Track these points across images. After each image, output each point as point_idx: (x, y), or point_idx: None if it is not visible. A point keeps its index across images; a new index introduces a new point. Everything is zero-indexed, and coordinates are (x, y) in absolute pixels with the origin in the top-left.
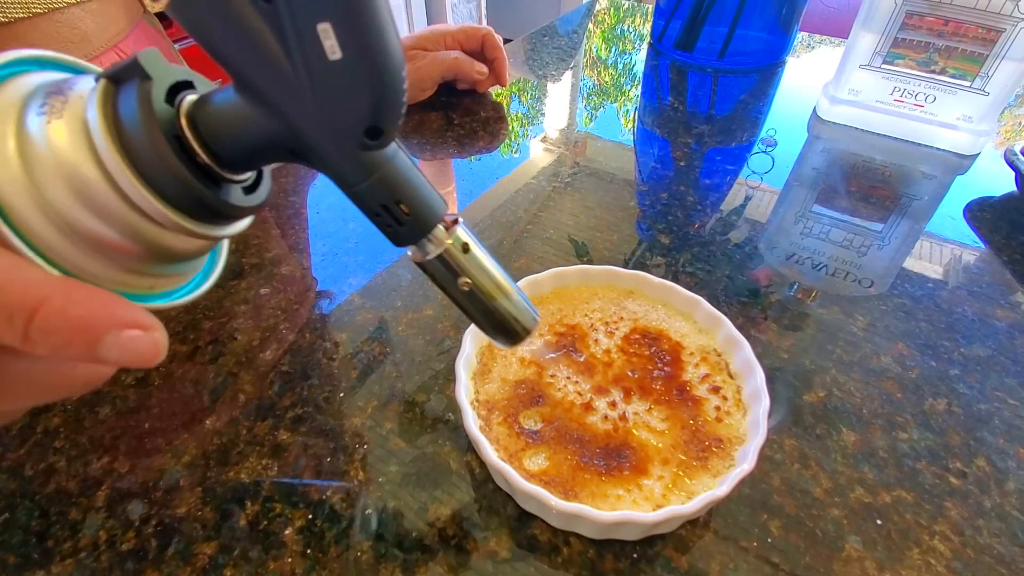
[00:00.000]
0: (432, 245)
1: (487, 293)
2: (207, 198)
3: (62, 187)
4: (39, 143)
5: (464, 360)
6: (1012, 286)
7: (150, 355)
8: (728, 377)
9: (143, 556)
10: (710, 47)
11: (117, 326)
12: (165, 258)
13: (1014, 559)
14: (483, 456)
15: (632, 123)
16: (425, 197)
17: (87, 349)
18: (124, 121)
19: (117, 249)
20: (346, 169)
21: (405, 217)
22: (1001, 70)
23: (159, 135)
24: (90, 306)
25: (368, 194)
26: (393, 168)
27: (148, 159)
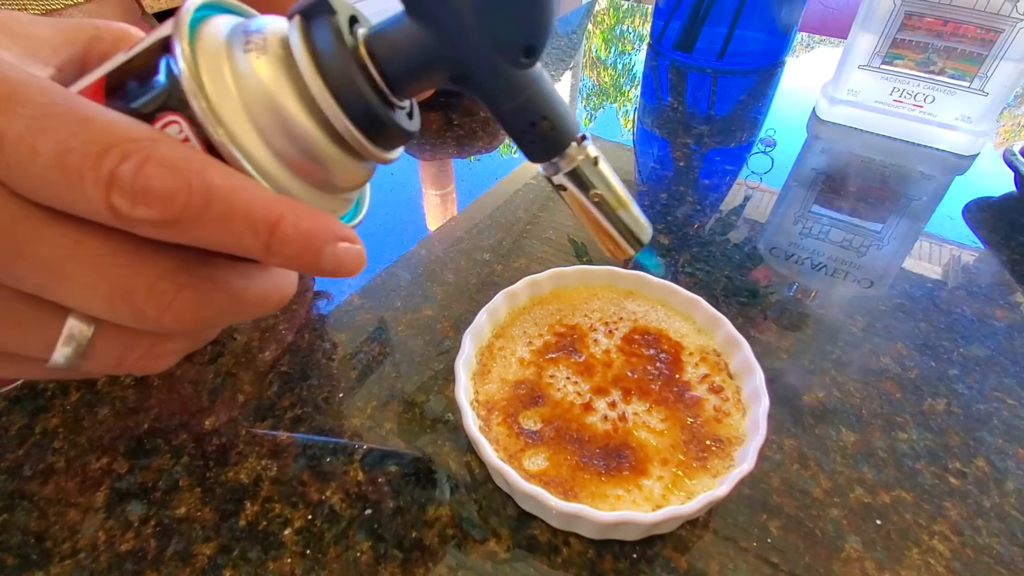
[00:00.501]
0: (566, 160)
1: (613, 204)
2: (387, 120)
3: (272, 115)
4: (250, 76)
5: (463, 360)
6: (1011, 286)
7: (357, 264)
8: (727, 377)
9: (142, 557)
10: (709, 47)
11: (335, 239)
12: (345, 183)
13: (1013, 559)
14: (483, 456)
15: (632, 123)
16: (566, 114)
17: (311, 259)
18: (321, 52)
19: (310, 173)
20: (503, 87)
21: (549, 133)
22: (1000, 70)
23: (352, 63)
24: (315, 221)
25: (520, 111)
26: (541, 86)
27: (343, 86)
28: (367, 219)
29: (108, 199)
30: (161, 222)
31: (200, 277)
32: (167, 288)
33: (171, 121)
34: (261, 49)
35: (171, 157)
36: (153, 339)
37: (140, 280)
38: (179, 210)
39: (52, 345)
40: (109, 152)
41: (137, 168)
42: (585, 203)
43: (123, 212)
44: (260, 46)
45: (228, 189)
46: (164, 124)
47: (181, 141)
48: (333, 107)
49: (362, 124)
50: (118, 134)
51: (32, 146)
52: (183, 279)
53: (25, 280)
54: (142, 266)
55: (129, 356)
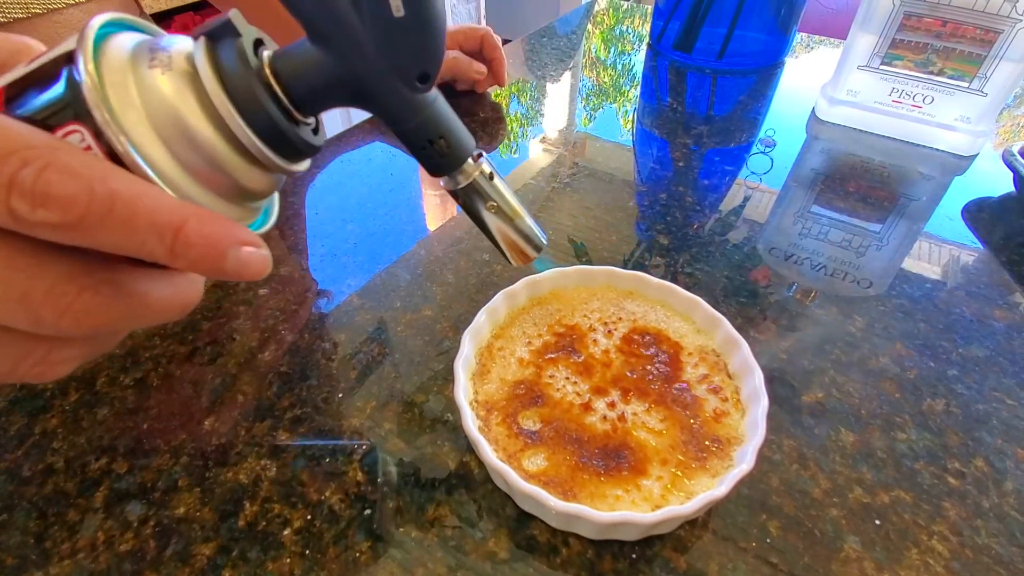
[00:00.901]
0: (463, 175)
1: (508, 213)
2: (291, 134)
3: (176, 127)
4: (155, 91)
5: (463, 361)
6: (1010, 286)
7: (261, 268)
8: (727, 377)
9: (142, 557)
10: (709, 48)
11: (239, 242)
12: (250, 193)
13: (1012, 559)
14: (482, 457)
15: (631, 124)
16: (461, 133)
17: (215, 262)
18: (226, 70)
19: (216, 182)
20: (399, 109)
21: (446, 150)
22: (999, 71)
23: (255, 80)
24: (218, 225)
25: (417, 131)
26: (436, 109)
27: (246, 102)
28: (367, 219)
29: (8, 202)
30: (61, 225)
31: (101, 281)
32: (67, 290)
33: (72, 131)
34: (166, 65)
35: (71, 163)
36: (48, 345)
37: (38, 283)
38: (80, 214)
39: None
40: (8, 158)
41: (37, 173)
42: (482, 213)
43: (23, 215)
44: (165, 63)
45: (131, 194)
46: (66, 133)
47: (83, 150)
48: (236, 119)
49: (265, 137)
50: (17, 141)
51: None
52: (83, 282)
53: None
54: (41, 269)
55: (23, 363)
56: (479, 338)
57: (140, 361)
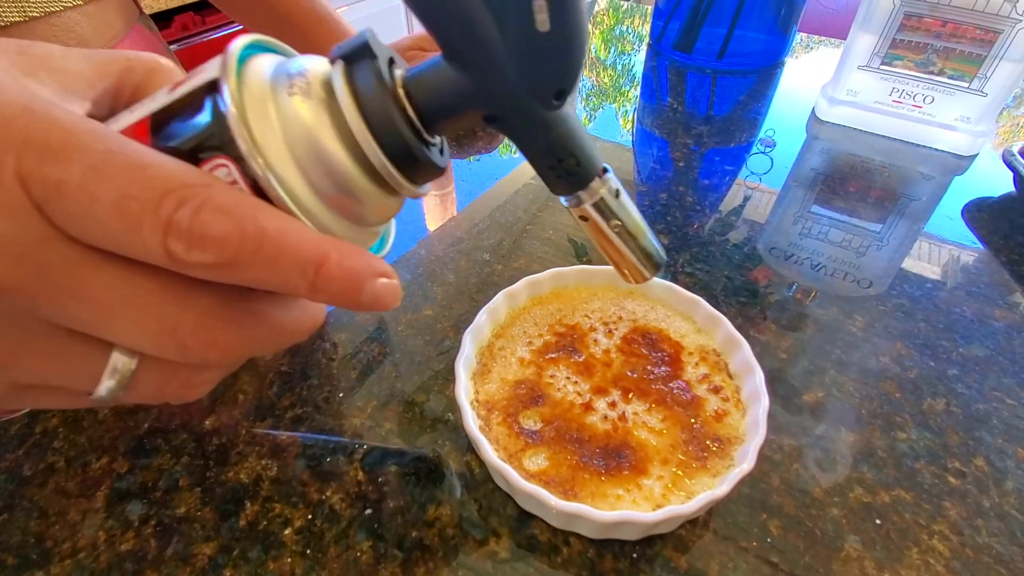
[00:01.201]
0: (589, 193)
1: (632, 232)
2: (422, 157)
3: (314, 155)
4: (295, 119)
5: (464, 360)
6: (1010, 286)
7: (393, 299)
8: (727, 377)
9: (142, 557)
10: (709, 48)
11: (375, 275)
12: (377, 218)
13: (1013, 558)
14: (483, 456)
15: (631, 124)
16: (591, 151)
17: (353, 296)
18: (362, 94)
19: (347, 208)
20: (534, 128)
21: (575, 168)
22: (999, 71)
23: (392, 105)
24: (357, 260)
25: (548, 150)
26: (569, 126)
27: (382, 125)
28: None
29: (165, 244)
30: (215, 265)
31: (241, 312)
32: (212, 324)
33: (220, 164)
34: (305, 93)
35: (225, 203)
36: (191, 369)
37: (187, 317)
38: (233, 254)
39: (97, 378)
40: (166, 198)
41: (193, 214)
42: (608, 232)
43: (179, 256)
44: (304, 89)
45: (278, 232)
46: (213, 167)
47: (230, 184)
48: (373, 146)
49: (398, 161)
50: (174, 180)
51: (91, 194)
52: (226, 315)
53: (77, 319)
54: (188, 304)
55: (168, 387)
56: (480, 338)
57: None
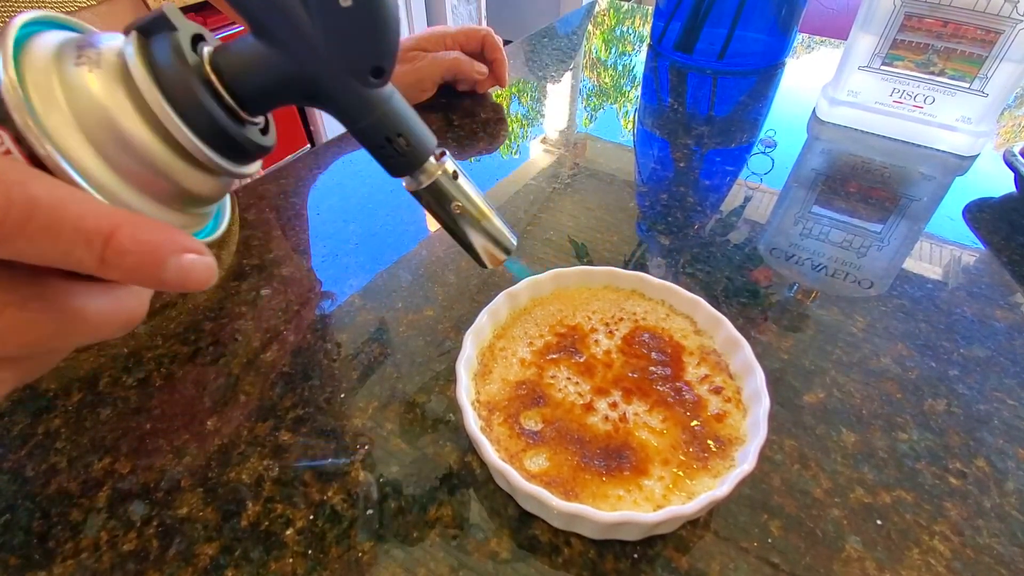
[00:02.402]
0: (425, 174)
1: (474, 214)
2: (235, 134)
3: (107, 129)
4: (83, 91)
5: (465, 361)
6: (1011, 287)
7: (206, 277)
8: (728, 378)
9: (144, 557)
10: (709, 48)
11: (179, 250)
12: (195, 198)
13: (1013, 559)
14: (484, 457)
15: (632, 124)
16: (421, 131)
17: (153, 272)
18: (160, 66)
19: (155, 187)
20: (354, 106)
21: (405, 149)
22: (1000, 71)
23: (193, 76)
24: (156, 232)
25: (373, 129)
26: (393, 106)
27: (184, 98)
28: (368, 219)
29: None
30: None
31: (28, 296)
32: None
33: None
34: (94, 63)
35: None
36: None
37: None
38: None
39: None
40: None
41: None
42: (447, 215)
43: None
44: (93, 60)
45: (53, 199)
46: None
47: (2, 154)
48: (172, 118)
49: (206, 137)
50: None
51: None
52: (5, 298)
53: None
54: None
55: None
56: (481, 338)
57: (143, 361)
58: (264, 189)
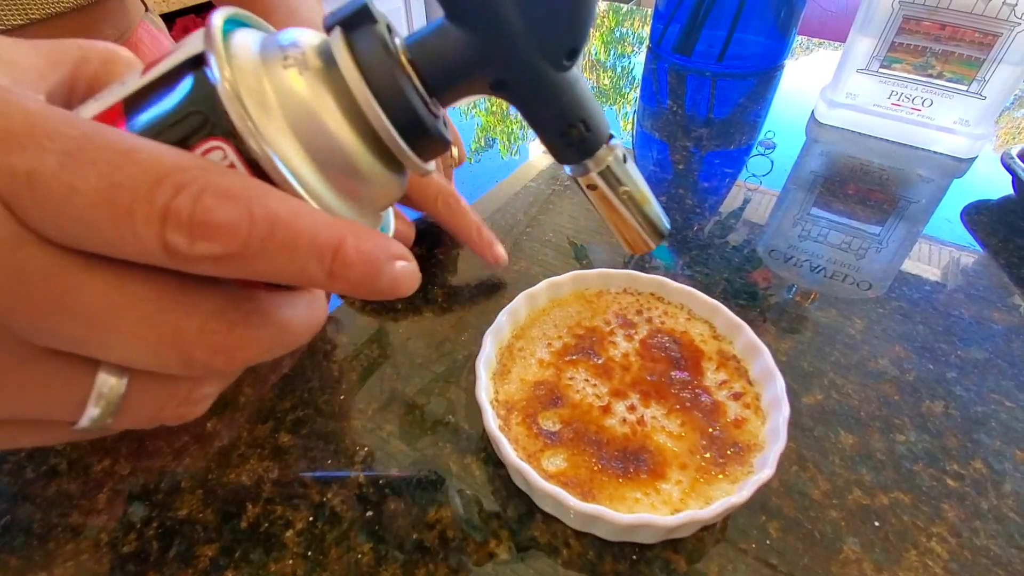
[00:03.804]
0: (595, 161)
1: (638, 199)
2: (433, 129)
3: (318, 133)
4: (295, 95)
5: (484, 360)
6: (1009, 289)
7: (412, 283)
8: (747, 384)
9: (144, 558)
10: (708, 51)
11: (392, 257)
12: (383, 200)
13: (1011, 560)
14: (502, 455)
15: (631, 126)
16: (600, 114)
17: (371, 281)
18: (367, 63)
19: (355, 191)
20: (544, 92)
21: (585, 134)
22: (998, 74)
23: (400, 72)
24: (373, 242)
25: (558, 116)
26: (579, 89)
27: (392, 98)
28: None
29: (163, 237)
30: (223, 257)
31: (249, 312)
32: (218, 328)
33: (214, 147)
34: (302, 64)
35: (228, 186)
36: (192, 383)
37: (189, 323)
38: (243, 242)
39: (82, 405)
40: (160, 185)
41: (195, 200)
42: (615, 201)
43: (181, 250)
44: (300, 61)
45: (290, 216)
46: (206, 151)
47: (227, 168)
48: (381, 118)
49: (408, 133)
50: (167, 164)
51: (70, 184)
52: (233, 316)
53: (60, 336)
54: (191, 307)
55: (166, 407)
56: (500, 338)
57: None
58: None
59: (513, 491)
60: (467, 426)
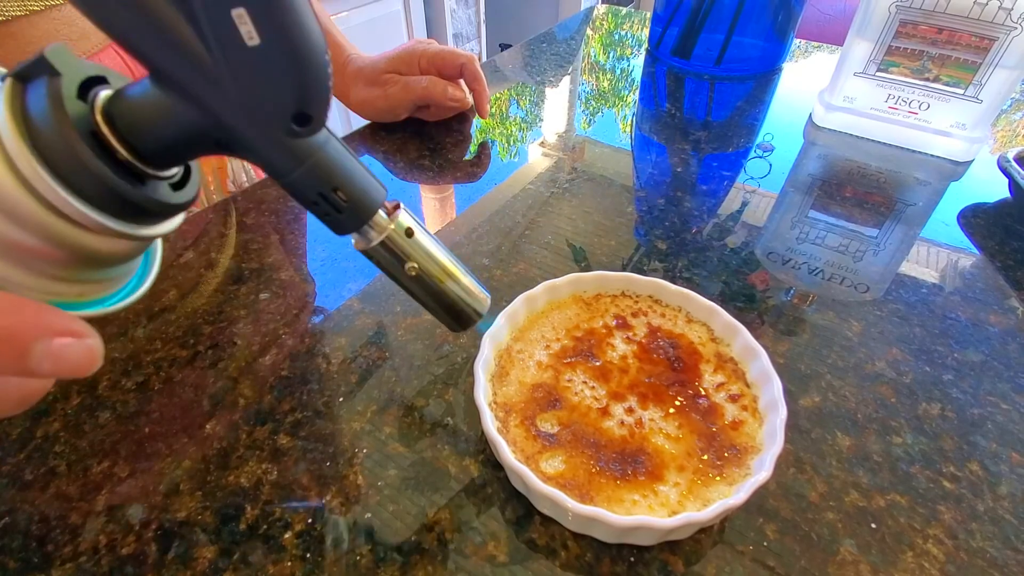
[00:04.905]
0: (375, 232)
1: (434, 276)
2: (129, 195)
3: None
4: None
5: (483, 362)
6: (1005, 291)
7: (85, 363)
8: (745, 386)
9: (143, 561)
10: (707, 54)
11: (46, 334)
12: (92, 262)
13: (1007, 562)
14: (500, 457)
15: (630, 128)
16: (362, 183)
17: (17, 360)
18: (34, 119)
19: (38, 255)
20: (276, 158)
21: (343, 204)
22: (994, 78)
23: (71, 131)
24: (16, 315)
25: (301, 183)
26: (325, 155)
27: (62, 157)
28: None
29: None
30: None
31: None
32: None
33: None
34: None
35: None
36: None
37: None
38: None
39: None
40: None
41: None
42: (403, 277)
43: None
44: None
45: None
46: None
47: None
48: (46, 180)
49: (95, 200)
50: None
51: None
52: None
53: None
54: None
55: None
56: (498, 340)
57: (141, 365)
58: (263, 193)
59: (511, 493)
60: (465, 428)
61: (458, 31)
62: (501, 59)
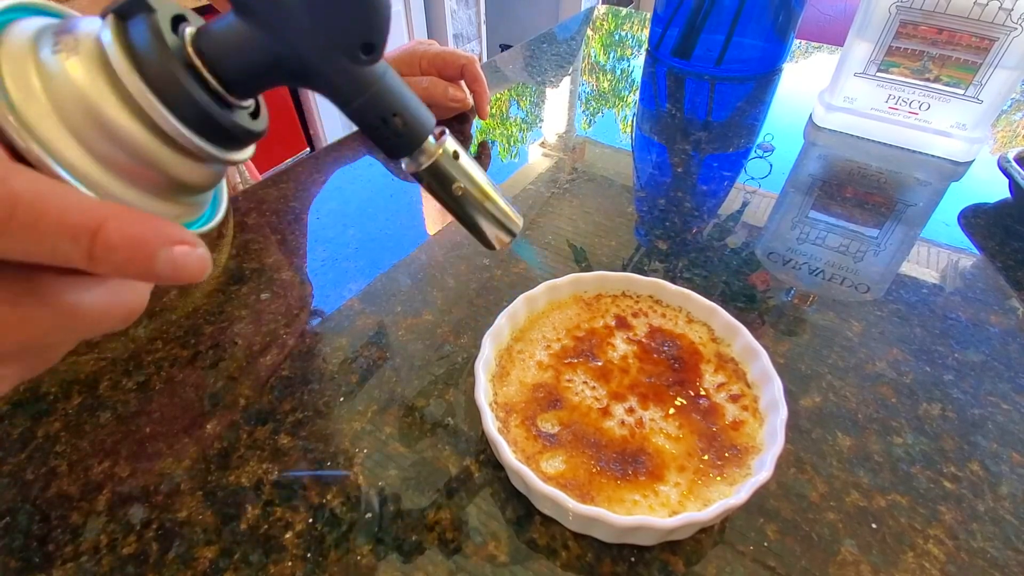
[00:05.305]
0: (425, 156)
1: (476, 196)
2: (221, 118)
3: (89, 119)
4: (61, 78)
5: (483, 362)
6: (1006, 292)
7: (199, 269)
8: (745, 386)
9: (144, 560)
10: (707, 55)
11: (169, 242)
12: (186, 187)
13: (1007, 562)
14: (501, 458)
15: (630, 128)
16: (417, 110)
17: (144, 265)
18: (139, 50)
19: (143, 177)
20: (344, 85)
21: (402, 129)
22: (994, 78)
23: (175, 62)
24: (144, 224)
25: (366, 108)
26: (387, 83)
27: (165, 84)
28: (368, 223)
29: None
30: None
31: (20, 292)
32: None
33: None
34: (72, 49)
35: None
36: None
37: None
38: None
39: None
40: None
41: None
42: (449, 197)
43: None
44: (71, 46)
45: (34, 194)
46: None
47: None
48: (155, 106)
49: (193, 124)
50: None
51: None
52: (3, 295)
53: None
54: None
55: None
56: (499, 340)
57: (142, 365)
58: (264, 193)
59: (512, 493)
60: (466, 428)
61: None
62: (501, 60)
